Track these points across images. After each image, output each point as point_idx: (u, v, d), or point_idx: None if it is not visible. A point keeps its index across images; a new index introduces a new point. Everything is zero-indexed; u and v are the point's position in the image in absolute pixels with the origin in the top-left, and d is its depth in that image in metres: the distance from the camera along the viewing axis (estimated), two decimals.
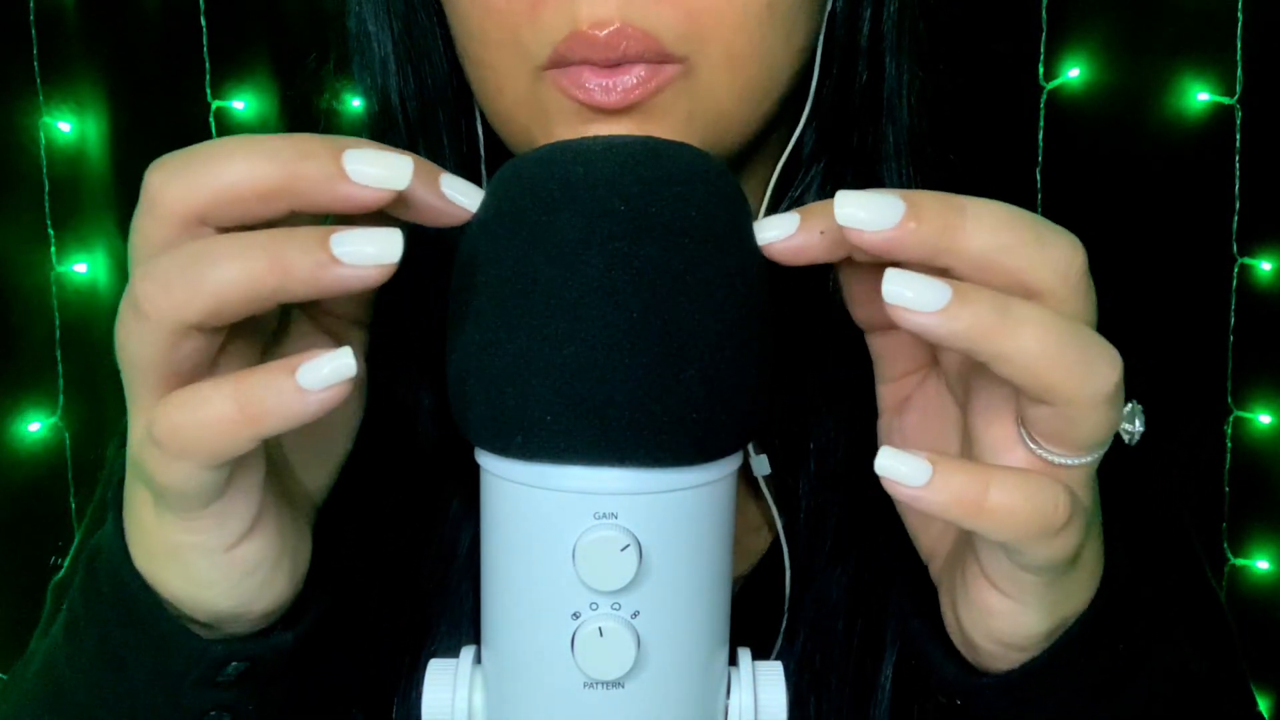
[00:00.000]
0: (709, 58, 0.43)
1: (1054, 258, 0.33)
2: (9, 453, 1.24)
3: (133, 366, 0.34)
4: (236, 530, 0.36)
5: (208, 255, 0.32)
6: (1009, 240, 0.33)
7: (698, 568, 0.36)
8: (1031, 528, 0.33)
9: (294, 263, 0.32)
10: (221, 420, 0.32)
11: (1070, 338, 0.32)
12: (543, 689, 0.36)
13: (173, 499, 0.35)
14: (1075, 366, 0.32)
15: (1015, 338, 0.32)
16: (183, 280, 0.32)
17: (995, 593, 0.37)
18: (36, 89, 1.21)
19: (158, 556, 0.37)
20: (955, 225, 0.33)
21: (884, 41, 0.51)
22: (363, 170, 0.33)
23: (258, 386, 0.32)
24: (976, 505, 0.33)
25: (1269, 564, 1.16)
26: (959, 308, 0.32)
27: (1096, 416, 0.33)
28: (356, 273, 0.32)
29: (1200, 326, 1.15)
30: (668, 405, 0.33)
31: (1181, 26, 1.11)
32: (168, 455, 0.33)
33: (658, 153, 0.36)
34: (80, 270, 1.23)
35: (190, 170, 0.33)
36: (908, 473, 0.33)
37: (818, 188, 0.52)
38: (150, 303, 0.32)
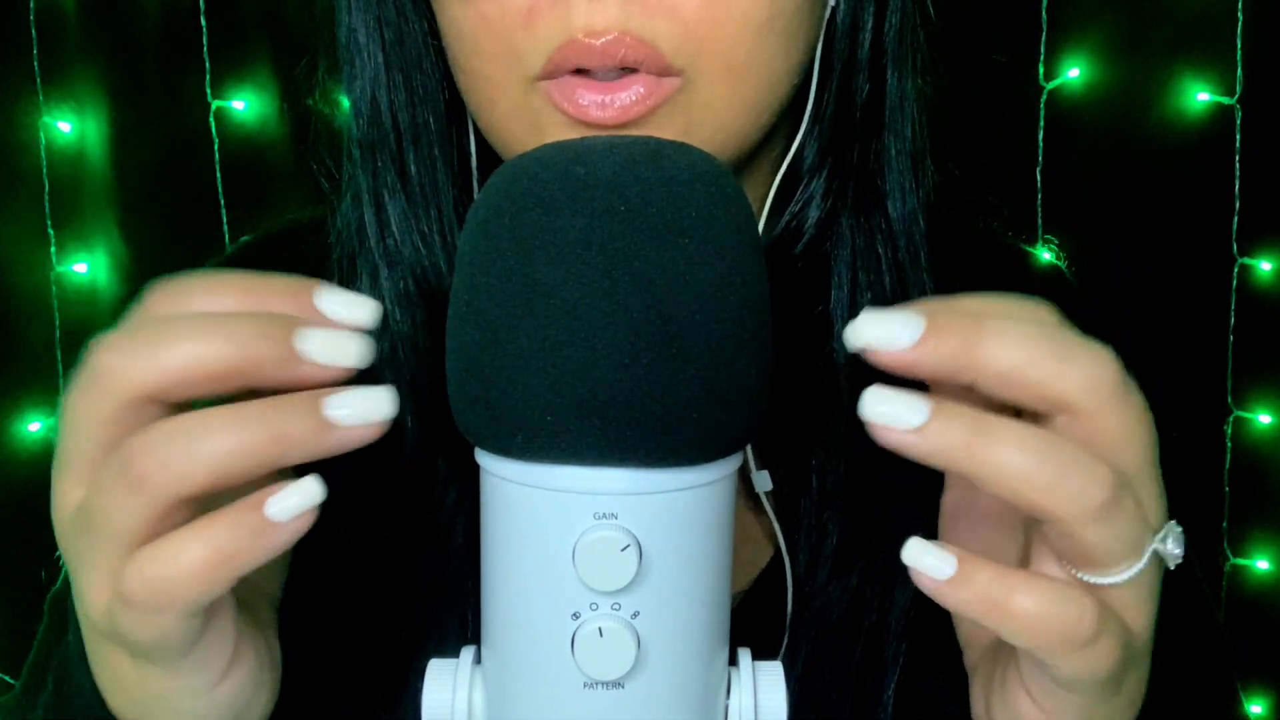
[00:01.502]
0: (707, 70, 0.43)
1: (1080, 372, 0.32)
2: (9, 453, 1.25)
3: (106, 534, 0.33)
4: (219, 667, 0.36)
5: (205, 428, 0.32)
6: (1030, 356, 0.32)
7: (698, 568, 0.36)
8: (1054, 636, 0.33)
9: (292, 431, 0.32)
10: (194, 567, 0.32)
11: (1049, 455, 0.32)
12: (543, 689, 0.36)
13: (153, 653, 0.34)
14: (1055, 483, 0.32)
15: (991, 456, 0.32)
16: (182, 454, 0.32)
17: (1031, 703, 0.36)
18: (36, 89, 1.21)
19: (142, 704, 0.37)
20: (974, 343, 0.32)
21: (885, 55, 0.50)
22: (315, 350, 0.33)
23: (228, 528, 0.32)
24: (1000, 607, 0.32)
25: (1269, 564, 1.16)
26: (936, 425, 0.32)
27: (1092, 533, 0.32)
28: (353, 433, 0.33)
29: (1200, 326, 1.15)
30: (668, 405, 0.33)
31: (1181, 26, 1.11)
32: (143, 611, 0.32)
33: (659, 153, 0.36)
34: (80, 270, 1.23)
35: (142, 351, 0.33)
36: (934, 564, 0.33)
37: (818, 200, 0.51)
38: (146, 477, 0.32)
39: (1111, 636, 0.33)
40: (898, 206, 0.51)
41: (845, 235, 0.51)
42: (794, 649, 0.51)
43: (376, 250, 0.50)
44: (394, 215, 0.50)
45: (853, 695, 0.50)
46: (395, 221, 0.50)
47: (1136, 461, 0.33)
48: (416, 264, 0.50)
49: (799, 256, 0.51)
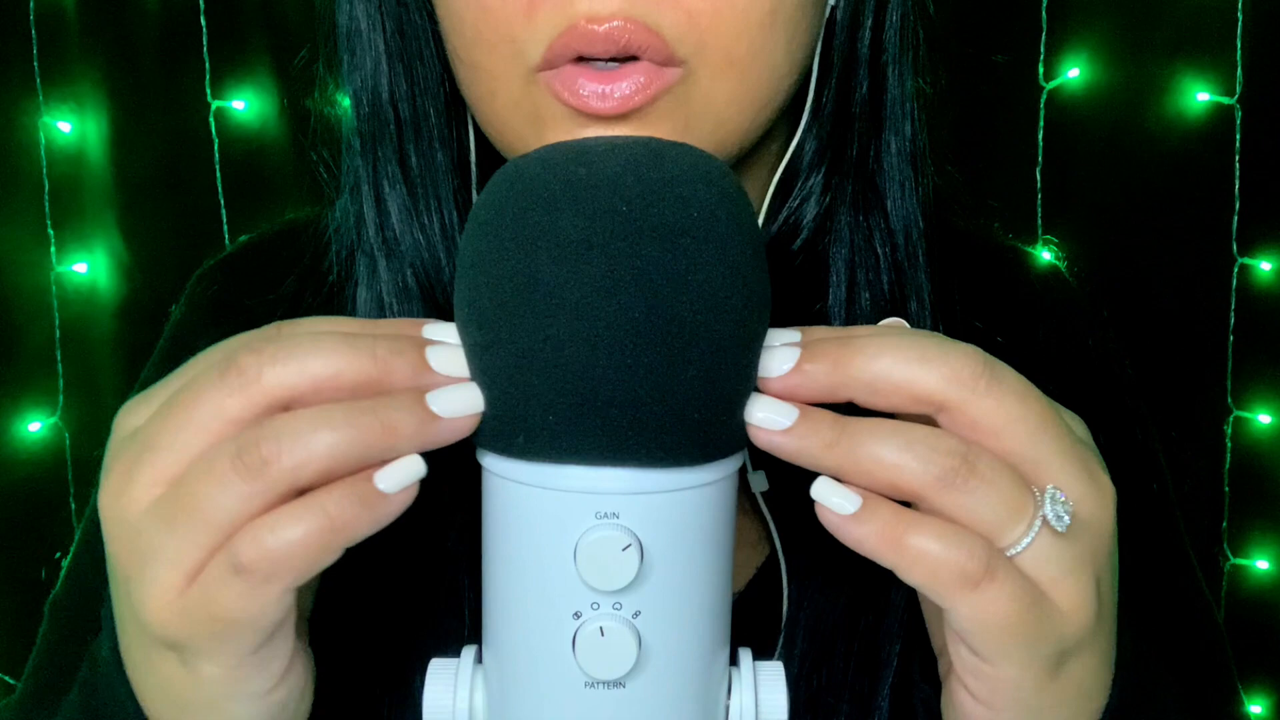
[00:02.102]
0: (708, 62, 0.43)
1: (939, 368, 0.35)
2: (9, 453, 1.25)
3: (203, 521, 0.34)
4: (279, 669, 0.36)
5: (325, 421, 0.34)
6: (891, 361, 0.35)
7: (699, 568, 0.36)
8: (946, 574, 0.34)
9: (401, 425, 0.34)
10: (310, 535, 0.33)
11: (892, 438, 0.35)
12: (544, 689, 0.36)
13: (231, 640, 0.34)
14: (901, 463, 0.35)
15: (848, 451, 0.35)
16: (302, 444, 0.33)
17: (967, 693, 0.37)
18: (36, 89, 1.21)
19: (189, 710, 0.37)
20: (844, 359, 0.36)
21: (885, 52, 0.50)
22: (444, 364, 0.35)
23: (342, 499, 0.34)
24: (896, 542, 0.34)
25: (1269, 564, 1.16)
26: (800, 427, 0.35)
27: (951, 499, 0.35)
28: (454, 425, 0.35)
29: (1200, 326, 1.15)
30: (669, 405, 0.33)
31: (1181, 26, 1.11)
32: (249, 580, 0.33)
33: (660, 153, 0.36)
34: (80, 270, 1.23)
35: (286, 356, 0.34)
36: (839, 502, 0.35)
37: (817, 197, 0.51)
38: (267, 464, 0.33)
39: (1003, 589, 0.34)
40: (897, 206, 0.51)
41: (844, 233, 0.51)
42: (790, 650, 0.50)
43: (375, 242, 0.50)
44: (394, 207, 0.50)
45: (848, 697, 0.50)
46: (395, 213, 0.50)
47: (1019, 438, 0.35)
48: (416, 256, 0.50)
49: (796, 253, 0.51)
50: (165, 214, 1.23)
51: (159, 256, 1.23)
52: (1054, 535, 0.35)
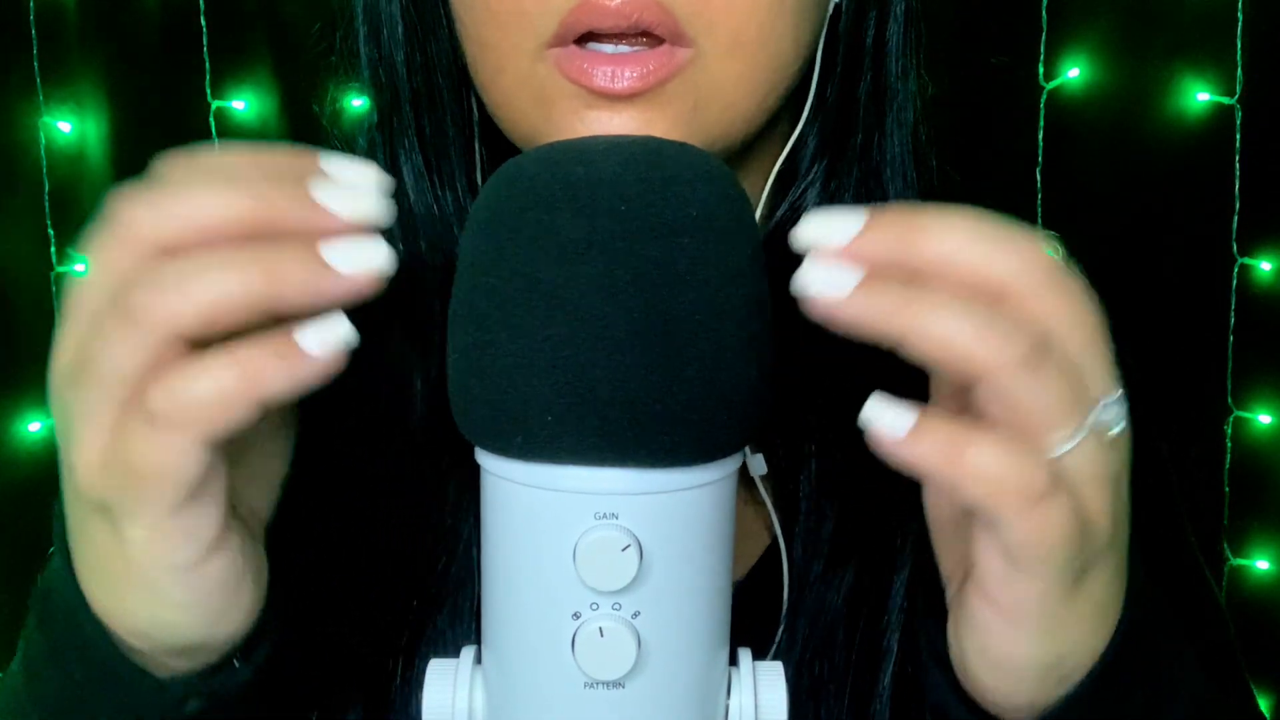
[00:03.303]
0: (718, 44, 0.43)
1: (1014, 254, 0.34)
2: (9, 453, 1.25)
3: (104, 378, 0.33)
4: (205, 539, 0.35)
5: (201, 265, 0.32)
6: (966, 239, 0.34)
7: (698, 568, 0.36)
8: (1007, 490, 0.33)
9: (289, 271, 0.32)
10: (223, 386, 0.32)
11: (971, 313, 0.33)
12: (543, 689, 0.36)
13: (151, 494, 0.34)
14: (978, 337, 0.33)
15: (916, 319, 0.33)
16: (177, 289, 0.32)
17: (991, 606, 0.36)
18: (36, 89, 1.21)
19: (121, 584, 0.36)
20: (912, 230, 0.34)
21: (889, 43, 0.51)
22: (333, 199, 0.34)
23: (260, 352, 0.32)
24: (954, 460, 0.33)
25: (1269, 564, 1.16)
26: (863, 291, 0.33)
27: (1021, 386, 0.33)
28: (350, 282, 0.33)
29: (1200, 326, 1.15)
30: (669, 405, 0.33)
31: (1181, 26, 1.11)
32: (162, 430, 0.32)
33: (659, 153, 0.36)
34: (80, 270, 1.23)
35: (162, 200, 0.33)
36: (892, 420, 0.33)
37: (819, 188, 0.51)
38: (142, 312, 0.32)
39: (1063, 503, 0.33)
40: (899, 196, 0.51)
41: None
42: (791, 638, 0.50)
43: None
44: (410, 175, 0.51)
45: (849, 684, 0.50)
46: (411, 181, 0.51)
47: (1079, 342, 0.34)
48: (430, 229, 0.50)
49: None
50: None
51: None
52: (1098, 441, 0.34)
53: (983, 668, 0.38)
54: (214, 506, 0.35)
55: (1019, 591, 0.35)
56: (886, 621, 0.50)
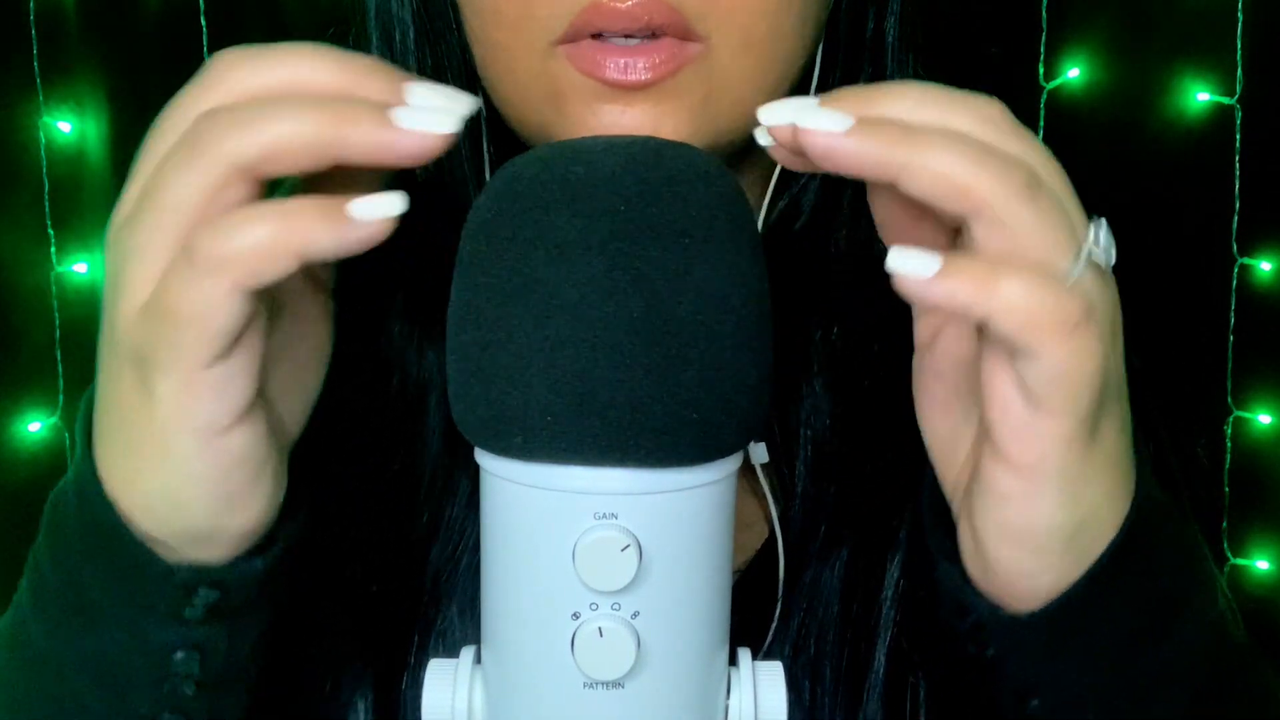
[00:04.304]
0: (729, 40, 0.43)
1: (972, 106, 0.35)
2: (9, 453, 1.24)
3: (162, 209, 0.34)
4: (233, 404, 0.35)
5: (269, 105, 0.33)
6: (922, 99, 0.35)
7: (698, 568, 0.36)
8: (1043, 318, 0.33)
9: (356, 124, 0.33)
10: (267, 235, 0.33)
11: (968, 146, 0.34)
12: (543, 689, 0.36)
13: (186, 341, 0.34)
14: (977, 169, 0.33)
15: (915, 154, 0.33)
16: (246, 122, 0.33)
17: (1010, 471, 0.36)
18: (36, 89, 1.21)
19: (142, 451, 0.36)
20: (868, 99, 0.35)
21: (887, 38, 0.51)
22: (421, 91, 0.35)
23: (306, 207, 0.33)
24: (990, 288, 0.33)
25: (1269, 564, 1.16)
26: (862, 129, 0.34)
27: (1021, 213, 0.34)
28: (413, 141, 0.34)
29: (1200, 326, 1.15)
30: (668, 405, 0.33)
31: (1181, 26, 1.11)
32: (202, 273, 0.33)
33: (658, 153, 0.36)
34: (80, 270, 1.23)
35: (256, 59, 0.35)
36: (920, 264, 0.33)
37: (819, 183, 0.52)
38: (205, 145, 0.33)
39: (1095, 332, 0.34)
40: None
41: (846, 215, 0.52)
42: (787, 618, 0.51)
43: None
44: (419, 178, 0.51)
45: (844, 661, 0.50)
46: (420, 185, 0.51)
47: (1056, 177, 0.36)
48: None
49: (798, 235, 0.52)
50: None
51: None
52: (1098, 269, 0.35)
53: (1004, 548, 0.37)
54: (245, 371, 0.35)
55: (1040, 442, 0.35)
56: (882, 600, 0.50)
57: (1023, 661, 0.39)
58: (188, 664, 0.38)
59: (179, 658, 0.38)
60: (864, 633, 0.50)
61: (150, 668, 0.38)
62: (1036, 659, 0.38)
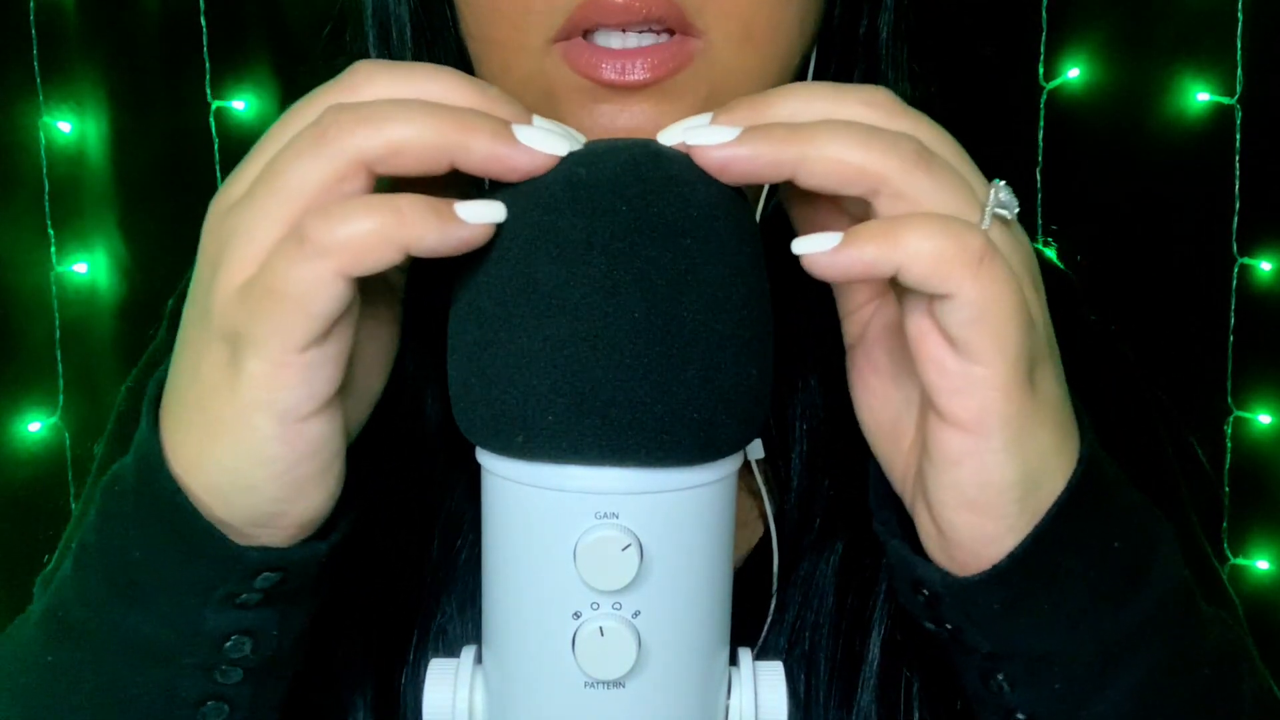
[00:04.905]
0: (729, 35, 0.43)
1: (854, 96, 0.36)
2: (9, 453, 1.25)
3: (281, 190, 0.35)
4: (319, 391, 0.35)
5: (399, 106, 0.34)
6: (806, 97, 0.36)
7: (699, 567, 0.36)
8: (949, 256, 0.34)
9: (481, 128, 0.34)
10: (378, 223, 0.33)
11: (857, 128, 0.35)
12: (543, 689, 0.36)
13: (284, 321, 0.34)
14: (869, 146, 0.35)
15: (809, 148, 0.35)
16: (375, 119, 0.34)
17: (956, 429, 0.36)
18: (36, 89, 1.21)
19: (219, 429, 0.36)
20: (758, 106, 0.36)
21: (881, 33, 0.51)
22: (533, 136, 0.35)
23: (418, 202, 0.34)
24: (894, 242, 0.34)
25: (1269, 564, 1.16)
26: (751, 134, 0.35)
27: (919, 180, 0.35)
28: (526, 158, 0.35)
29: (1200, 326, 1.15)
30: (669, 405, 0.33)
31: (1181, 26, 1.11)
32: (309, 254, 0.33)
33: (659, 153, 0.36)
34: (80, 270, 1.23)
35: (398, 73, 0.36)
36: (822, 241, 0.35)
37: None
38: (336, 130, 0.34)
39: (1003, 263, 0.35)
40: None
41: None
42: (782, 611, 0.51)
43: None
44: None
45: (839, 653, 0.50)
46: None
47: (949, 149, 0.37)
48: None
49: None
50: (165, 214, 1.23)
51: (159, 256, 1.23)
52: (1004, 224, 0.36)
53: (962, 513, 0.37)
54: (335, 360, 0.36)
55: (978, 392, 0.35)
56: (876, 593, 0.50)
57: (980, 630, 0.39)
58: (238, 649, 0.39)
59: (230, 644, 0.38)
60: (858, 626, 0.51)
61: (200, 653, 0.38)
62: (993, 625, 0.38)
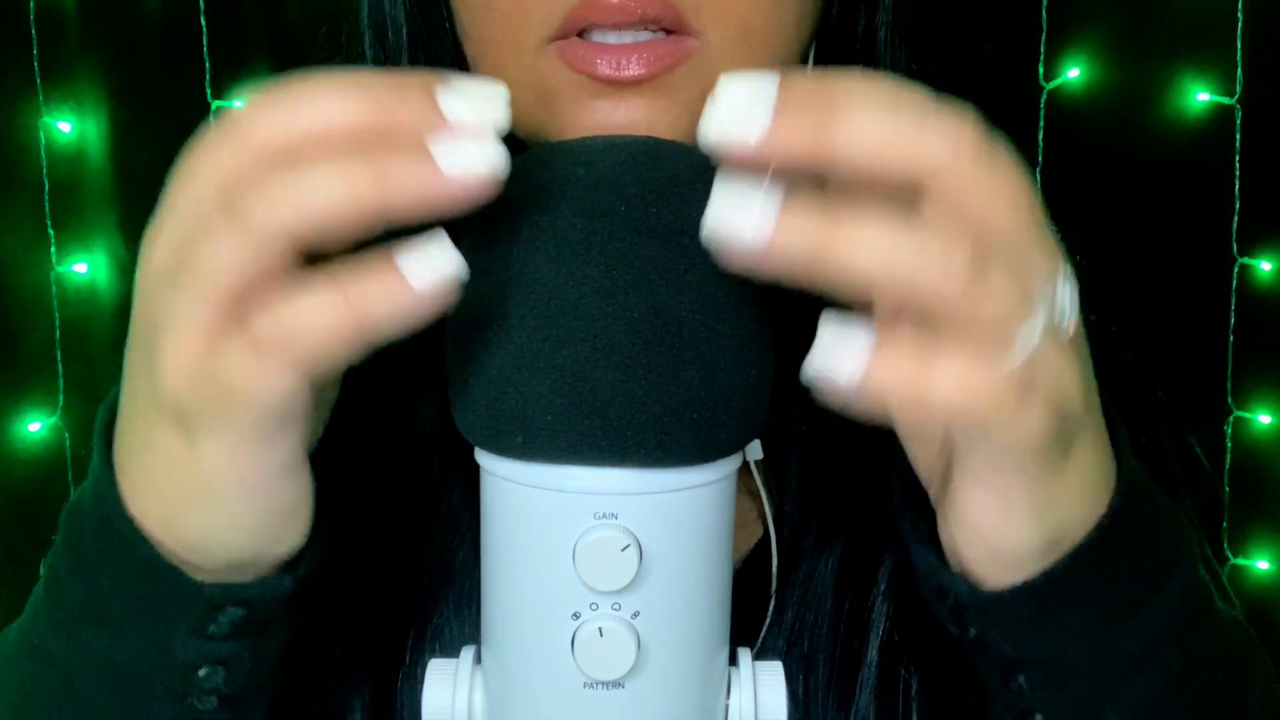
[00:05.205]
0: (725, 34, 0.43)
1: (940, 134, 0.31)
2: (9, 453, 1.24)
3: (204, 278, 0.32)
4: (283, 461, 0.34)
5: (310, 167, 0.31)
6: (885, 119, 0.31)
7: (698, 568, 0.36)
8: (983, 407, 0.32)
9: (401, 176, 0.31)
10: (333, 323, 0.31)
11: (904, 232, 0.31)
12: (543, 689, 0.36)
13: (241, 414, 0.32)
14: (917, 259, 0.31)
15: (845, 253, 0.31)
16: (289, 191, 0.31)
17: (978, 489, 0.35)
18: (36, 89, 1.21)
19: (184, 498, 0.35)
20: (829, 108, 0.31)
21: (878, 33, 0.51)
22: (457, 106, 0.32)
23: (367, 285, 0.31)
24: (921, 395, 0.31)
25: (1269, 564, 1.16)
26: (784, 225, 0.31)
27: (972, 300, 0.31)
28: (463, 184, 0.31)
29: (1200, 326, 1.14)
30: (668, 405, 0.33)
31: (1181, 26, 1.11)
32: (267, 356, 0.31)
33: (658, 153, 0.36)
34: (80, 270, 1.23)
35: (280, 106, 0.32)
36: (844, 364, 0.32)
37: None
38: (250, 214, 0.31)
39: (1040, 400, 0.32)
40: None
41: None
42: (781, 612, 0.51)
43: None
44: None
45: (837, 654, 0.50)
46: None
47: (1019, 225, 0.32)
48: None
49: None
50: None
51: None
52: (1057, 332, 0.33)
53: (979, 555, 0.37)
54: (297, 430, 0.34)
55: (1007, 481, 0.34)
56: (875, 594, 0.50)
57: (1005, 638, 0.39)
58: (211, 679, 0.38)
59: (203, 673, 0.38)
60: (857, 627, 0.50)
61: (173, 681, 0.38)
62: (1018, 635, 0.38)
